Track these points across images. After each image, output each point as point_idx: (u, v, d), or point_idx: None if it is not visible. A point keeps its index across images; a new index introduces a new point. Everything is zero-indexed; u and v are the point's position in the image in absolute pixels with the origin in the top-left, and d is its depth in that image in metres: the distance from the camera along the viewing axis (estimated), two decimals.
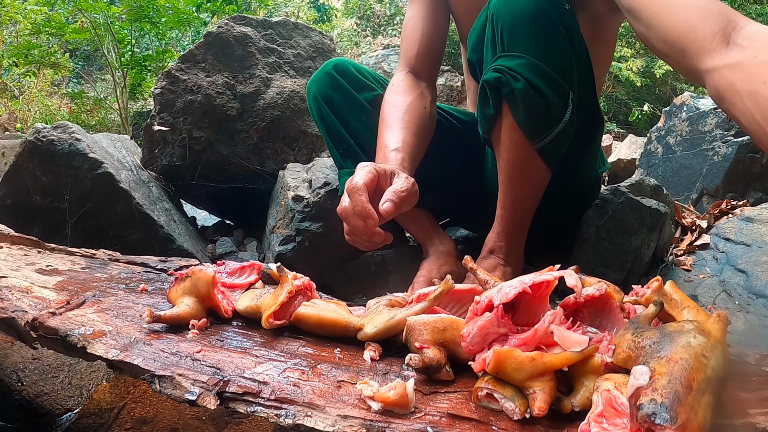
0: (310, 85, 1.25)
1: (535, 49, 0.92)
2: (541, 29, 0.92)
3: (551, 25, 0.92)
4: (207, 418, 0.88)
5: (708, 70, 0.68)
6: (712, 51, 0.67)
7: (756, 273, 1.19)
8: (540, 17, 0.92)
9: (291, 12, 8.91)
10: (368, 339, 0.71)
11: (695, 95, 2.56)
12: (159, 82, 1.76)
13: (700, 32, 0.69)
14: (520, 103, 0.94)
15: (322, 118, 1.23)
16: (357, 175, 0.84)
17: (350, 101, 1.22)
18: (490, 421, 0.56)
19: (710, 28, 0.68)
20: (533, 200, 1.05)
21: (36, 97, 6.04)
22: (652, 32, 0.78)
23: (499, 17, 0.95)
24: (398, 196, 0.84)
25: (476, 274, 0.76)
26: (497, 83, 0.94)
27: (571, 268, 0.75)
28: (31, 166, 1.41)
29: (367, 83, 1.25)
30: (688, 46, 0.70)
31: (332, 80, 1.22)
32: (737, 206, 1.57)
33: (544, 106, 0.94)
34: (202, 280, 0.76)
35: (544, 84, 0.93)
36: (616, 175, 4.11)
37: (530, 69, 0.92)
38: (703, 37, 0.68)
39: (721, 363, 0.52)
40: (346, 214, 0.83)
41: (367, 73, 1.27)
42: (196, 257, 1.45)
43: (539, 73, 0.92)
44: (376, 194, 0.85)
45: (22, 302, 0.77)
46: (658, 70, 6.42)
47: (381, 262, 1.41)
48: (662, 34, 0.76)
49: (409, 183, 0.87)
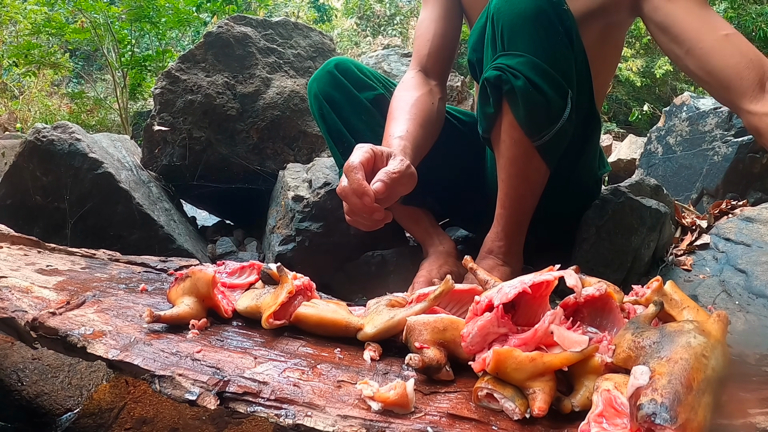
0: (312, 83, 1.25)
1: (535, 48, 0.94)
2: (541, 29, 0.93)
3: (551, 24, 0.94)
4: (207, 418, 0.88)
5: (749, 111, 0.87)
6: (753, 98, 0.87)
7: (756, 273, 1.19)
8: (540, 17, 0.93)
9: (291, 12, 8.92)
10: (368, 339, 0.71)
11: (695, 95, 2.56)
12: (159, 82, 1.76)
13: (744, 80, 0.87)
14: (520, 100, 0.94)
15: (323, 117, 1.23)
16: (354, 155, 0.84)
17: (351, 100, 1.22)
18: (490, 421, 0.56)
19: (752, 78, 0.87)
20: (533, 199, 1.06)
21: (36, 97, 6.04)
22: (694, 61, 0.94)
23: (499, 17, 0.96)
24: (389, 176, 0.83)
25: (476, 274, 0.76)
26: (497, 81, 0.95)
27: (571, 268, 0.75)
28: (31, 166, 1.41)
29: (369, 82, 1.25)
30: (734, 88, 0.89)
31: (334, 79, 1.22)
32: (737, 206, 1.57)
33: (544, 103, 0.95)
34: (202, 280, 0.76)
35: (544, 82, 0.93)
36: (616, 175, 4.11)
37: (530, 67, 0.93)
38: (747, 85, 0.87)
39: (721, 363, 0.52)
40: (344, 194, 0.83)
41: (368, 73, 1.27)
42: (196, 257, 1.45)
43: (539, 71, 0.93)
44: (374, 174, 0.85)
45: (22, 302, 0.77)
46: (658, 70, 6.42)
47: (381, 262, 1.41)
48: (708, 68, 0.92)
49: (404, 165, 0.86)
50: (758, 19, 6.33)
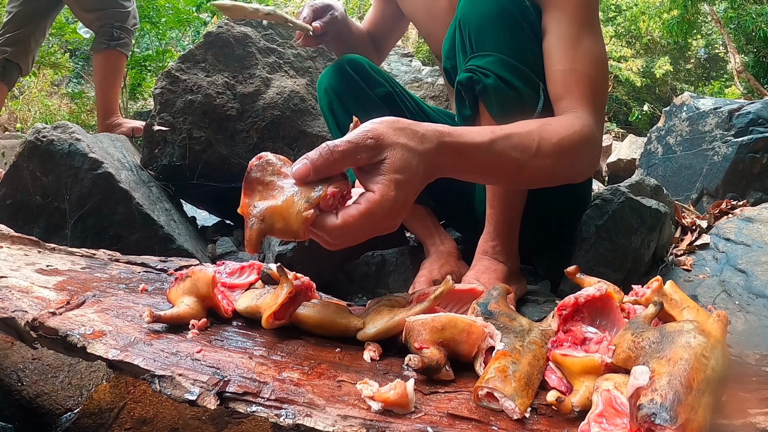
0: (322, 78, 1.26)
1: (503, 47, 0.97)
2: (506, 27, 0.97)
3: (515, 22, 0.97)
4: (207, 418, 0.88)
5: None
6: None
7: (756, 273, 1.19)
8: (504, 16, 0.96)
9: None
10: (368, 339, 0.71)
11: (695, 95, 2.56)
12: (159, 82, 1.76)
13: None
14: (493, 97, 0.97)
15: (333, 111, 1.24)
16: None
17: (362, 96, 1.23)
18: (490, 421, 0.56)
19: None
20: (520, 195, 1.07)
21: (36, 97, 6.04)
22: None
23: (465, 21, 0.99)
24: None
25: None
26: (470, 82, 0.98)
27: (571, 268, 0.75)
28: (31, 166, 1.41)
29: (380, 80, 1.26)
30: None
31: (345, 74, 1.23)
32: (737, 206, 1.57)
33: (517, 97, 0.97)
34: (202, 280, 0.76)
35: (514, 77, 0.96)
36: (616, 175, 4.11)
37: (499, 65, 0.96)
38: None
39: (721, 363, 0.52)
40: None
41: (379, 71, 1.28)
42: (196, 257, 1.45)
43: (508, 67, 0.96)
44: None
45: (22, 302, 0.77)
46: (658, 70, 6.43)
47: (381, 262, 1.41)
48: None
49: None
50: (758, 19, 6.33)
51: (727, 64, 9.14)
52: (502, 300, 0.74)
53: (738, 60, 7.00)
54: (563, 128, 0.85)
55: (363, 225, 0.64)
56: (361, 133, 0.66)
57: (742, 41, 7.42)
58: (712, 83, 9.33)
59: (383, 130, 0.67)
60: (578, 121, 0.87)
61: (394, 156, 0.66)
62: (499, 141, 0.76)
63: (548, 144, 0.81)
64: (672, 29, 7.81)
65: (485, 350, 0.66)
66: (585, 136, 0.86)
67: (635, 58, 6.79)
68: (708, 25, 9.63)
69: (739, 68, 7.00)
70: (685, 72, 10.46)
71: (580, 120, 0.88)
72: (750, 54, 7.50)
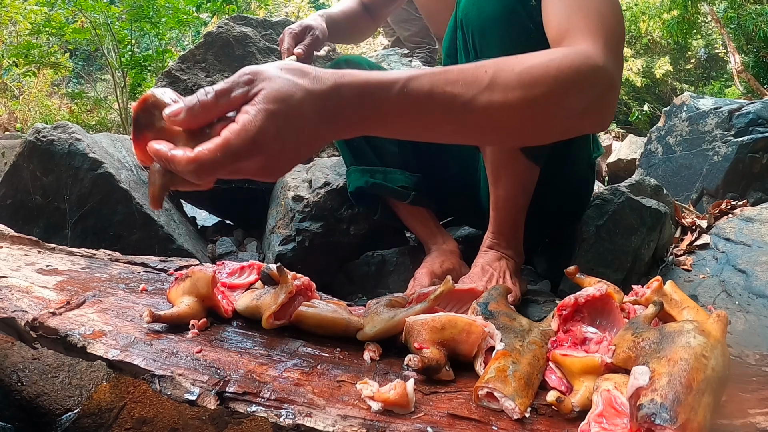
0: None
1: (508, 50, 0.91)
2: (512, 30, 0.90)
3: (521, 23, 0.90)
4: (207, 418, 0.88)
5: None
6: None
7: (756, 273, 1.19)
8: (509, 17, 0.90)
9: (291, 12, 8.90)
10: (368, 339, 0.71)
11: (695, 95, 2.56)
12: (159, 82, 1.76)
13: None
14: None
15: None
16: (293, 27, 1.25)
17: None
18: (490, 421, 0.56)
19: None
20: (524, 197, 1.06)
21: (36, 97, 6.04)
22: None
23: (468, 22, 0.94)
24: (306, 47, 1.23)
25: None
26: None
27: (571, 268, 0.75)
28: (31, 166, 1.41)
29: None
30: None
31: None
32: (737, 206, 1.57)
33: None
34: (202, 280, 0.76)
35: None
36: (616, 175, 4.11)
37: None
38: None
39: (721, 363, 0.52)
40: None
41: (377, 70, 1.28)
42: (196, 257, 1.45)
43: None
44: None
45: (22, 302, 0.77)
46: (658, 70, 6.43)
47: (381, 262, 1.41)
48: None
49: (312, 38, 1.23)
50: (758, 19, 6.33)
51: (727, 64, 9.14)
52: (502, 300, 0.74)
53: (738, 60, 7.01)
54: (537, 56, 0.67)
55: (219, 159, 0.55)
56: (240, 71, 0.59)
57: (742, 41, 7.42)
58: (712, 83, 9.34)
59: (265, 67, 0.59)
60: (570, 52, 0.70)
61: (270, 86, 0.57)
62: (425, 77, 0.62)
63: (509, 73, 0.64)
64: (672, 29, 7.81)
65: (485, 350, 0.66)
66: (579, 64, 0.67)
67: (635, 58, 6.80)
68: (708, 25, 9.63)
69: (739, 68, 7.00)
70: (685, 72, 10.47)
71: (574, 51, 0.70)
72: (750, 54, 7.51)
